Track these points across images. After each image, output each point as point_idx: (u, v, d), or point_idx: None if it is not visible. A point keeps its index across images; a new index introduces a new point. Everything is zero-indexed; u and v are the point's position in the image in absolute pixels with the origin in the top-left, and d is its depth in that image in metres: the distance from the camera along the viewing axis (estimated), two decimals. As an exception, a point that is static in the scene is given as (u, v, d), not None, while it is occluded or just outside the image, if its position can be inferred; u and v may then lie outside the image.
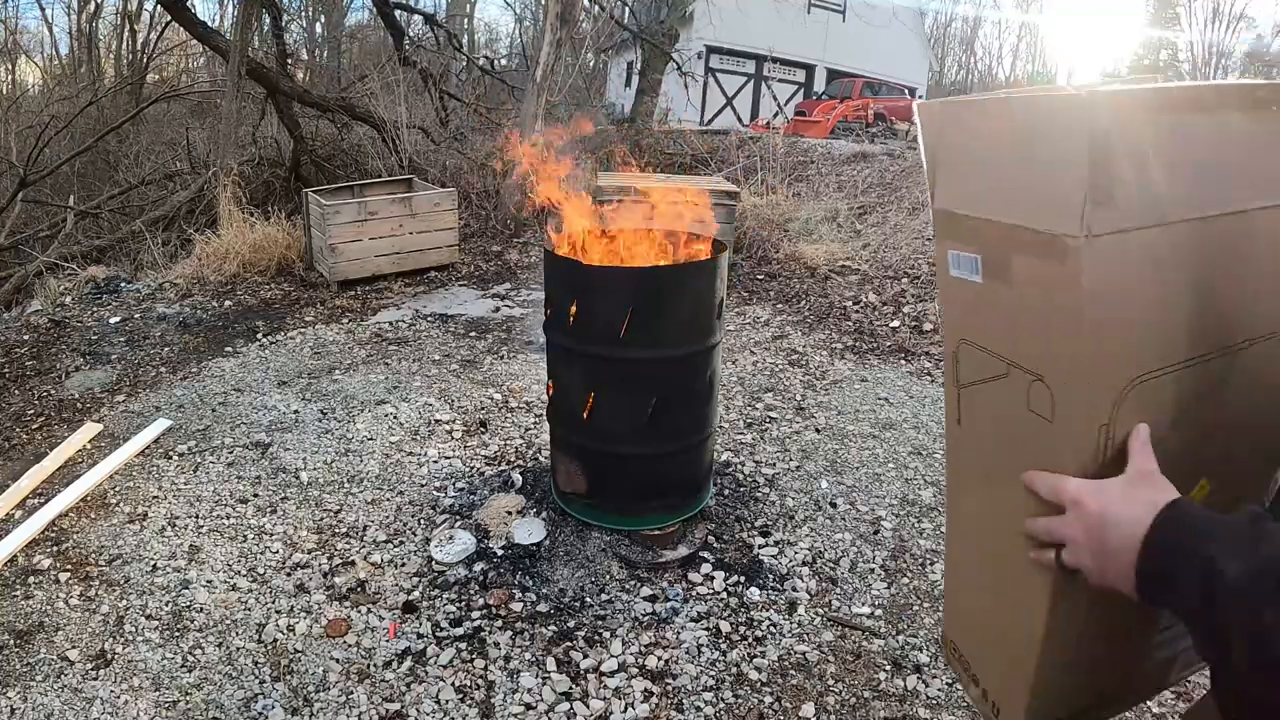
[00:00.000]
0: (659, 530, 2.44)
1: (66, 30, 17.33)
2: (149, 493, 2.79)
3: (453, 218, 5.69)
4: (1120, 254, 0.67)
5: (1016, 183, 0.73)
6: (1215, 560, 0.59)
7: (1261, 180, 0.70)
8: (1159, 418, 0.73)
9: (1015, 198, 0.73)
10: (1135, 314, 0.71)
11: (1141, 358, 0.73)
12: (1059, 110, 0.66)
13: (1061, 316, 0.71)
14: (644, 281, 2.27)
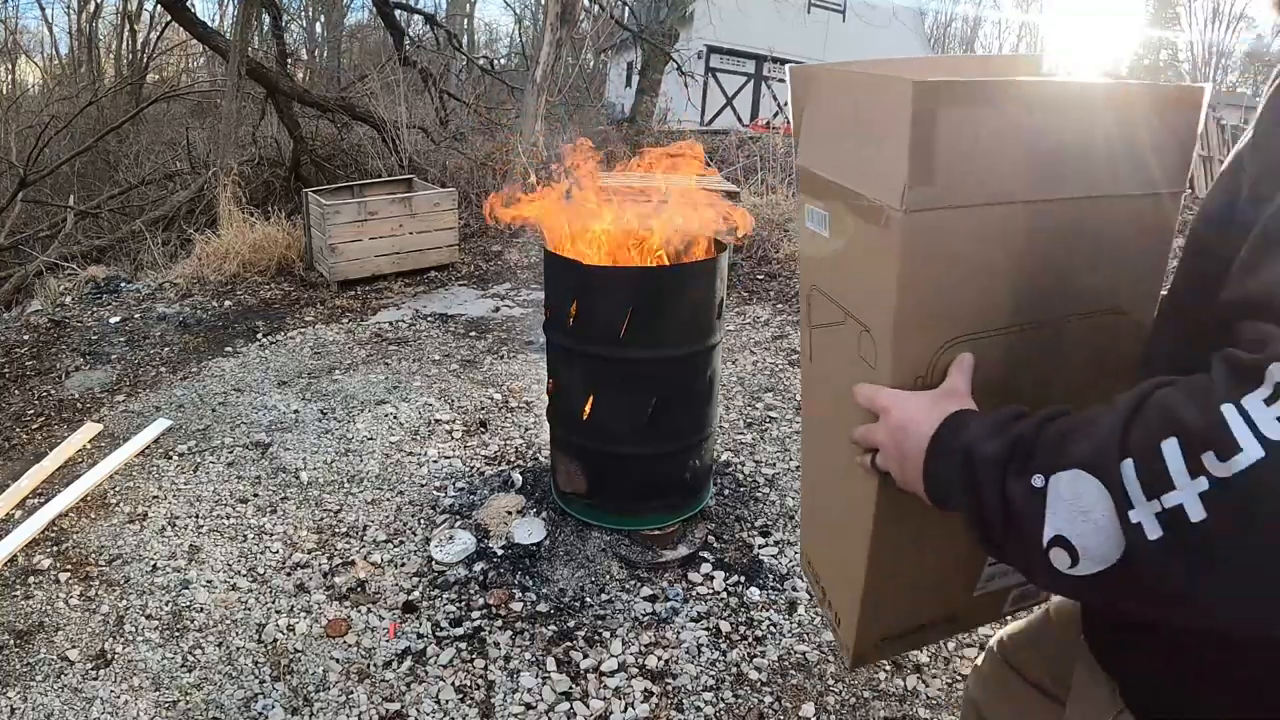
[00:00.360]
0: (659, 530, 2.44)
1: (66, 30, 17.34)
2: (149, 493, 2.79)
3: (453, 218, 5.69)
4: (937, 228, 0.72)
5: (856, 151, 0.79)
6: (973, 445, 0.64)
7: (1096, 167, 0.75)
8: (982, 376, 0.79)
9: (854, 164, 0.79)
10: (953, 281, 0.77)
11: (960, 320, 0.79)
12: (888, 92, 0.70)
13: (881, 277, 0.77)
14: (644, 281, 2.27)
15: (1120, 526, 0.51)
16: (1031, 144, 0.73)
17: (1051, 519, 0.55)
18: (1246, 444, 0.46)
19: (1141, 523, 0.50)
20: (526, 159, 6.95)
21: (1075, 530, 0.53)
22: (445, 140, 8.44)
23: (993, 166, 0.72)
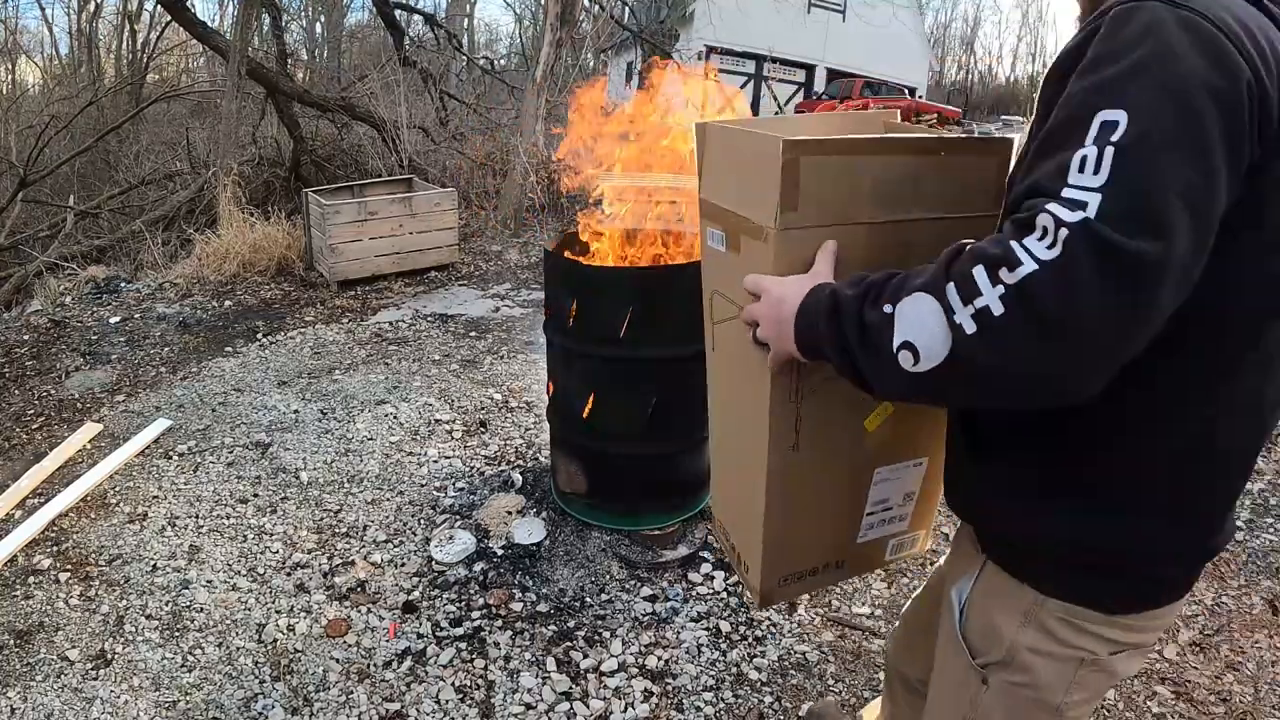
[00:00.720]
0: (659, 530, 2.44)
1: (66, 30, 17.34)
2: (149, 493, 2.79)
3: (453, 218, 5.69)
4: (801, 242, 0.96)
5: (744, 186, 1.03)
6: (837, 293, 0.83)
7: (925, 198, 0.97)
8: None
9: (743, 195, 1.04)
10: None
11: None
12: (767, 145, 0.94)
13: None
14: (644, 281, 2.27)
15: (948, 328, 0.72)
16: (869, 181, 0.96)
17: (899, 331, 0.75)
18: (1025, 260, 0.68)
19: (962, 323, 0.71)
20: (527, 159, 6.95)
21: (917, 336, 0.74)
22: (445, 140, 8.44)
23: (840, 197, 0.96)
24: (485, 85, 12.44)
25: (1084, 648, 0.94)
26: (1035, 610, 0.94)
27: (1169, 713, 1.99)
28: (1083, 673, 0.95)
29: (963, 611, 1.03)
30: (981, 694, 1.00)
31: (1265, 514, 2.85)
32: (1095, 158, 0.68)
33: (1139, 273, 0.66)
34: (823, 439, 1.14)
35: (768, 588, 1.25)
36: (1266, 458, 3.23)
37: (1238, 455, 0.89)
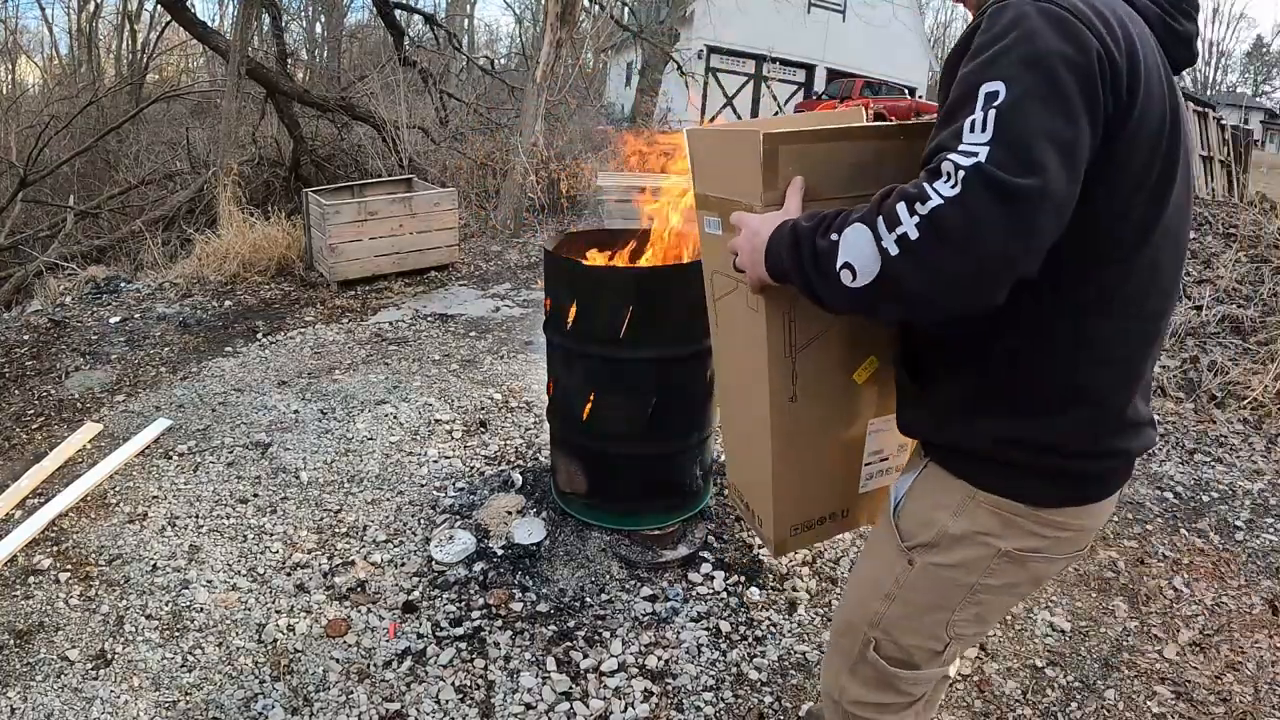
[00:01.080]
0: (659, 530, 2.44)
1: (66, 30, 17.35)
2: (149, 493, 2.79)
3: (453, 218, 5.69)
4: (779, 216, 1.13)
5: (732, 175, 1.20)
6: (796, 226, 1.00)
7: (887, 176, 1.04)
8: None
9: (732, 183, 1.20)
10: None
11: None
12: (750, 139, 1.09)
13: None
14: (644, 281, 2.27)
15: (877, 250, 0.89)
16: (838, 164, 1.12)
17: (841, 254, 0.92)
18: (934, 196, 0.85)
19: (888, 247, 0.88)
20: (526, 159, 6.95)
21: (855, 257, 0.91)
22: (445, 140, 8.44)
23: (811, 177, 1.10)
24: (485, 85, 12.44)
25: (1007, 537, 1.10)
26: (967, 502, 1.10)
27: (1169, 713, 1.99)
28: (999, 563, 1.12)
29: (899, 503, 1.20)
30: (908, 572, 1.17)
31: (1265, 514, 2.85)
32: (982, 120, 0.86)
33: (1022, 201, 0.82)
34: (818, 391, 1.28)
35: (781, 538, 1.39)
36: (1267, 457, 3.23)
37: (1124, 363, 1.05)
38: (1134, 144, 0.93)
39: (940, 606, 1.17)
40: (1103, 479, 1.11)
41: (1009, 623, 2.26)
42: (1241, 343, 4.07)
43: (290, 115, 7.96)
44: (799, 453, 1.32)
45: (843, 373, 1.28)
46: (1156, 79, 0.94)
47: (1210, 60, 31.21)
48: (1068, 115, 0.85)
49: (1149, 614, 2.33)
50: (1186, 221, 1.07)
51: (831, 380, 1.28)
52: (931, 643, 1.20)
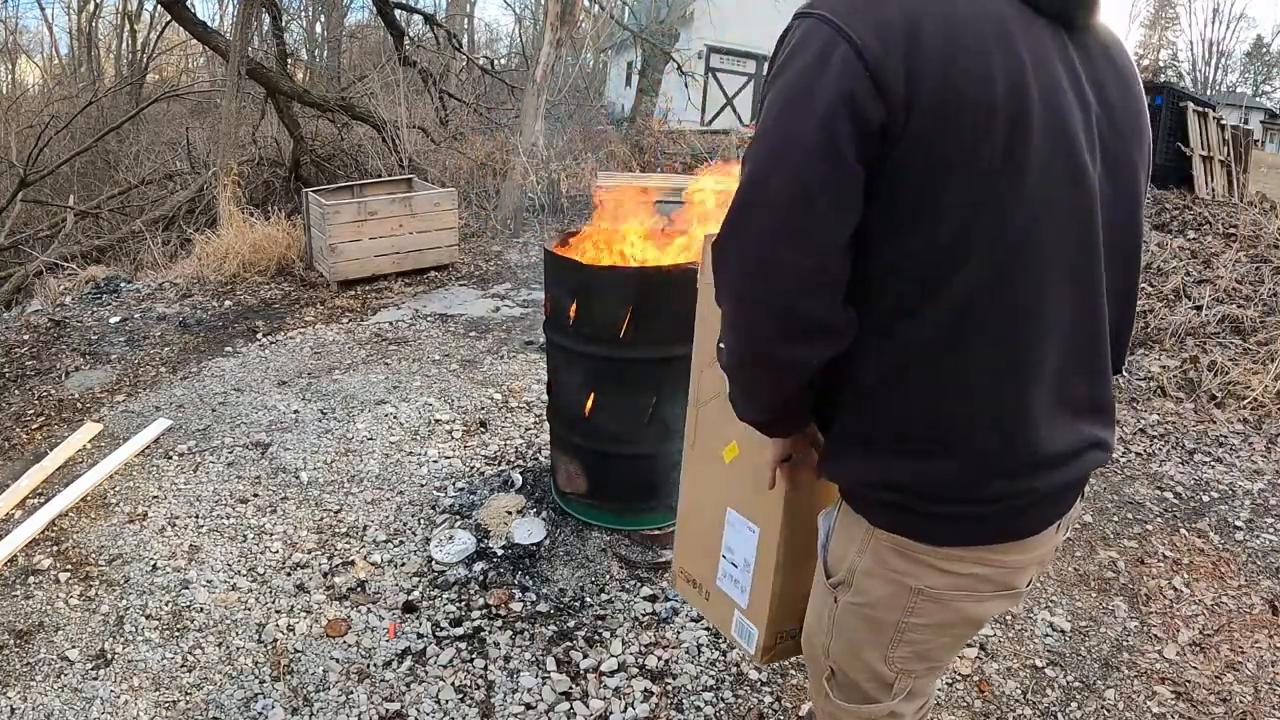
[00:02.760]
0: (659, 530, 2.44)
1: (66, 30, 17.36)
2: (149, 493, 2.79)
3: (453, 218, 5.69)
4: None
5: None
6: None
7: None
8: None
9: None
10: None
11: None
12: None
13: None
14: (644, 281, 2.27)
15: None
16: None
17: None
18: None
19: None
20: (526, 159, 6.95)
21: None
22: (445, 140, 8.44)
23: None
24: (485, 85, 12.44)
25: (914, 574, 1.03)
26: (869, 538, 1.06)
27: (1169, 713, 1.99)
28: (916, 600, 1.05)
29: (827, 537, 1.16)
30: (835, 610, 1.14)
31: (1265, 514, 2.85)
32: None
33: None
34: (706, 446, 1.37)
35: (674, 569, 1.54)
36: (1267, 457, 3.23)
37: (996, 401, 0.95)
38: (930, 154, 0.85)
39: (873, 643, 1.11)
40: (1013, 516, 1.00)
41: (1009, 623, 2.26)
42: (1241, 343, 4.07)
43: (290, 115, 7.96)
44: (691, 499, 1.47)
45: (717, 441, 1.36)
46: (979, 69, 0.84)
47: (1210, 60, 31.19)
48: (815, 152, 0.86)
49: (1149, 614, 2.33)
50: (1082, 224, 0.94)
51: (712, 443, 1.37)
52: (877, 676, 1.14)
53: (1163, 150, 7.43)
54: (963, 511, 0.98)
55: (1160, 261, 5.00)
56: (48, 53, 17.97)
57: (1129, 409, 3.58)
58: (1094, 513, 2.82)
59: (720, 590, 1.42)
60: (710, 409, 1.38)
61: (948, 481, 0.97)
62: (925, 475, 0.97)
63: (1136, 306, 1.14)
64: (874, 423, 1.00)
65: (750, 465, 1.29)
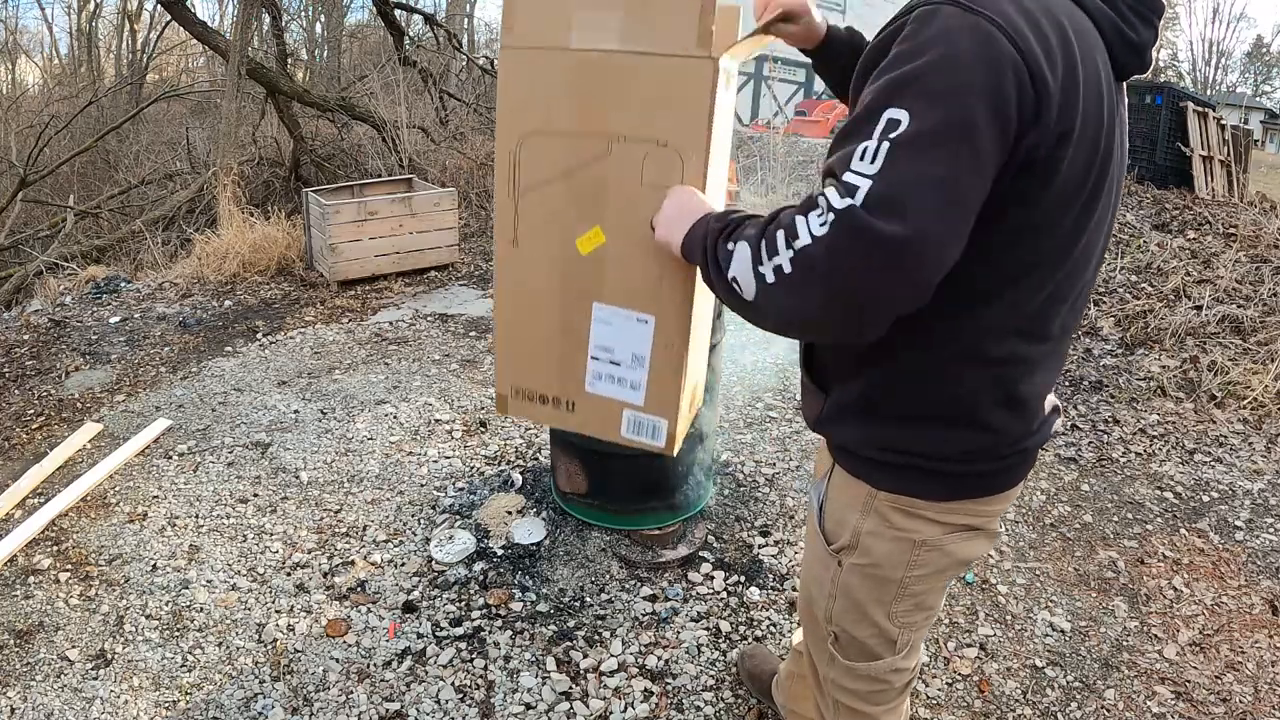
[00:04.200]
0: (659, 530, 2.45)
1: (66, 30, 17.36)
2: (149, 493, 2.79)
3: (453, 217, 5.69)
4: (518, 61, 1.20)
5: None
6: (709, 222, 1.02)
7: (627, 34, 1.10)
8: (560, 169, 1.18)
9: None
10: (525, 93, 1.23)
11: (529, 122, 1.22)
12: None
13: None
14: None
15: (754, 274, 0.91)
16: (576, 12, 1.12)
17: (731, 266, 0.95)
18: (804, 233, 0.86)
19: (764, 273, 0.90)
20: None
21: (740, 274, 0.93)
22: (445, 140, 8.44)
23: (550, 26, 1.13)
24: (485, 85, 12.43)
25: (916, 530, 1.11)
26: (870, 500, 1.12)
27: (1169, 713, 1.99)
28: (919, 552, 1.13)
29: (821, 505, 1.21)
30: (839, 574, 1.19)
31: (1265, 514, 2.85)
32: (874, 150, 0.83)
33: (891, 248, 0.81)
34: (537, 240, 1.22)
35: (501, 391, 1.36)
36: (1267, 457, 3.23)
37: (1027, 382, 1.06)
38: (1058, 164, 0.89)
39: (878, 601, 1.18)
40: (1003, 474, 1.12)
41: (1009, 623, 2.26)
42: (1241, 343, 4.07)
43: (290, 115, 7.96)
44: (519, 306, 1.28)
45: (565, 232, 1.21)
46: (1095, 96, 0.91)
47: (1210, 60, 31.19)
48: (965, 157, 0.82)
49: (1149, 614, 2.33)
50: (1107, 238, 1.07)
51: (552, 234, 1.22)
52: (881, 633, 1.21)
53: (1163, 150, 7.42)
54: (970, 470, 1.08)
55: (1160, 261, 5.00)
56: (48, 53, 17.99)
57: (1129, 409, 3.58)
58: (1094, 513, 2.82)
59: (594, 394, 1.29)
60: (541, 197, 1.21)
61: (967, 449, 1.06)
62: (946, 442, 1.06)
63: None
64: (892, 393, 1.06)
65: (633, 251, 1.17)
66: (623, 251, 1.18)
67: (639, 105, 1.13)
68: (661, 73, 1.11)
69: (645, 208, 1.14)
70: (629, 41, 1.12)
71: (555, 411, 1.33)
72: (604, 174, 1.17)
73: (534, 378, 1.32)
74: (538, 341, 1.29)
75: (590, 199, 1.18)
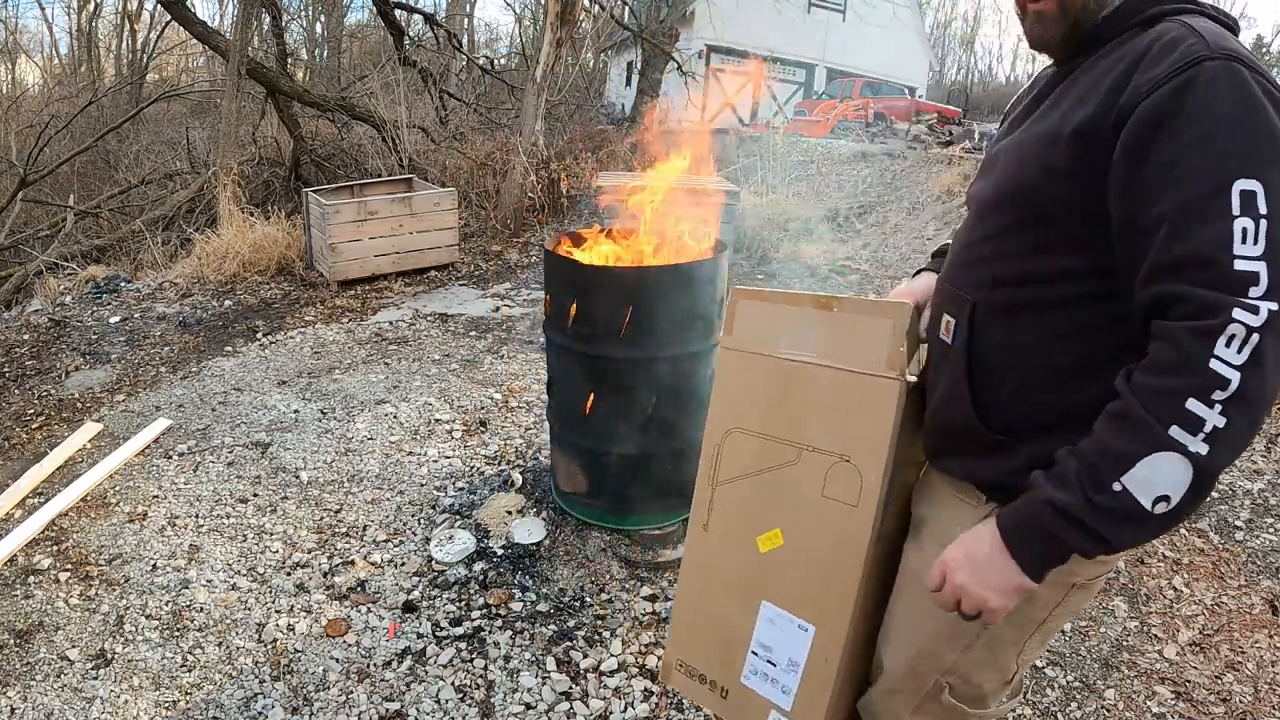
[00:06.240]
0: (659, 530, 2.44)
1: (66, 30, 17.37)
2: (149, 492, 2.79)
3: (453, 217, 5.69)
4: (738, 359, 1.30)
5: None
6: (1050, 499, 0.89)
7: (822, 346, 1.17)
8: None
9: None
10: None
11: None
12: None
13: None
14: (644, 281, 2.27)
15: (1188, 461, 0.81)
16: (782, 323, 1.23)
17: (1146, 494, 0.83)
18: (1231, 375, 0.78)
19: (1197, 451, 0.81)
20: (527, 159, 6.95)
21: (1166, 486, 0.82)
22: (445, 140, 8.44)
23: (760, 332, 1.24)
24: (485, 85, 12.44)
25: (1080, 572, 1.06)
26: None
27: (1169, 713, 1.99)
28: (1072, 594, 1.09)
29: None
30: (987, 626, 1.10)
31: (1265, 514, 2.85)
32: (1253, 232, 0.78)
33: None
34: (725, 531, 1.27)
35: (668, 661, 1.39)
36: (1267, 457, 3.23)
37: None
38: None
39: (1014, 642, 1.13)
40: None
41: (1009, 623, 2.26)
42: (1241, 343, 4.07)
43: (290, 115, 7.96)
44: (698, 589, 1.33)
45: (749, 528, 1.25)
46: None
47: (1210, 60, 30.91)
48: None
49: (1149, 614, 2.33)
50: None
51: (738, 528, 1.27)
52: (1002, 674, 1.16)
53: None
54: None
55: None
56: (48, 53, 17.99)
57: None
58: (1094, 513, 2.81)
59: (747, 688, 1.28)
60: (734, 490, 1.26)
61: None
62: None
63: None
64: (1082, 433, 0.97)
65: (805, 558, 1.19)
66: (796, 557, 1.21)
67: (829, 417, 1.18)
68: (851, 388, 1.16)
69: (823, 518, 1.17)
70: (826, 356, 1.18)
71: (710, 694, 1.35)
72: (792, 480, 1.21)
73: (698, 656, 1.35)
74: (709, 624, 1.33)
75: (776, 501, 1.23)
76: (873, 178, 7.63)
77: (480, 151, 7.81)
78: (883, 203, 6.88)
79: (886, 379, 1.12)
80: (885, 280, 5.23)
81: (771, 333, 1.23)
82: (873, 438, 1.14)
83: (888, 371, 1.12)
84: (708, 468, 1.29)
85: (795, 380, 1.21)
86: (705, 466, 1.29)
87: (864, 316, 1.17)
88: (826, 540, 1.18)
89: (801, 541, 1.20)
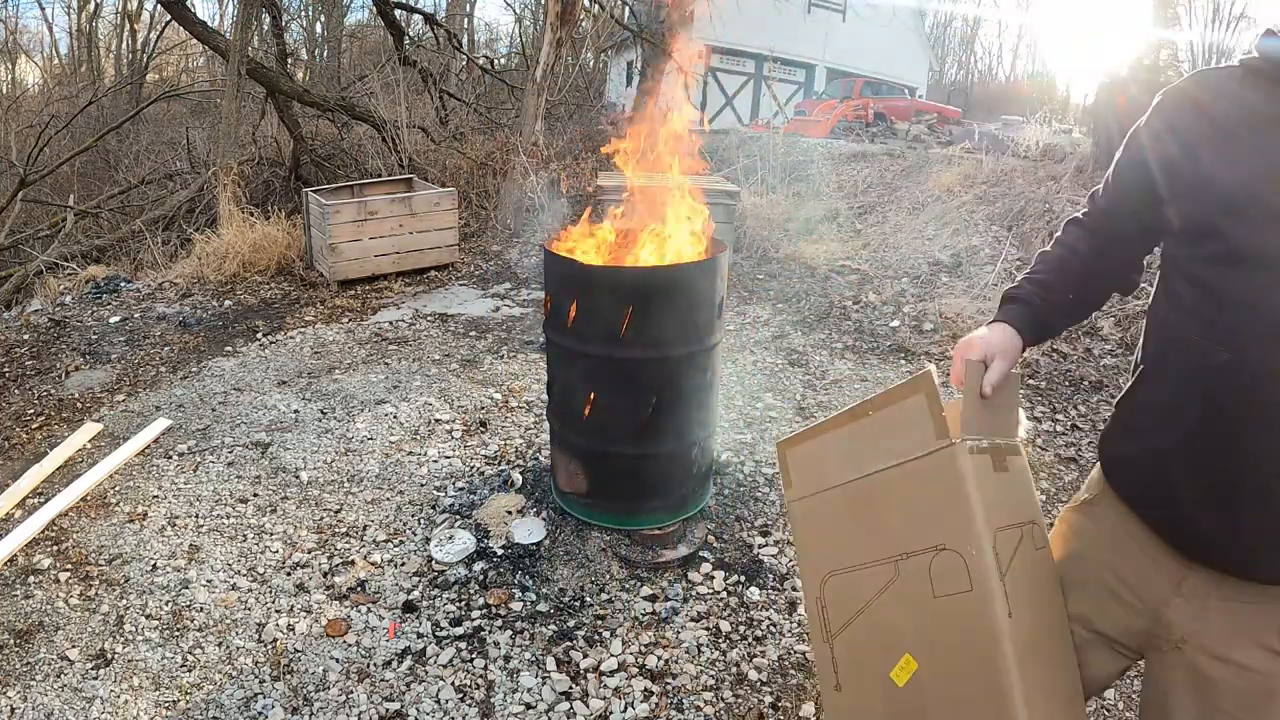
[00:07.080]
0: (659, 530, 2.44)
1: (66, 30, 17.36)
2: (149, 492, 2.79)
3: (453, 217, 5.69)
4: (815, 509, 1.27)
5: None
6: None
7: (877, 454, 1.16)
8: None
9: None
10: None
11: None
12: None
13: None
14: (644, 281, 2.27)
15: None
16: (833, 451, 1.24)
17: None
18: None
19: None
20: (526, 159, 6.95)
21: None
22: (445, 140, 8.43)
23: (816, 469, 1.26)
24: (485, 85, 12.43)
25: None
26: None
27: (1169, 712, 1.99)
28: None
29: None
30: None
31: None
32: None
33: None
34: (859, 682, 1.19)
35: None
36: (1266, 458, 3.23)
37: None
38: None
39: None
40: None
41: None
42: (1241, 343, 4.07)
43: (290, 115, 7.96)
44: None
45: (880, 665, 1.16)
46: None
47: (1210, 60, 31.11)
48: None
49: (1149, 614, 2.33)
50: None
51: (870, 672, 1.18)
52: None
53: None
54: None
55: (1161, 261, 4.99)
56: (48, 53, 17.97)
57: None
58: (1094, 513, 2.81)
59: None
60: (851, 636, 1.19)
61: None
62: None
63: None
64: None
65: (942, 669, 1.11)
66: (937, 671, 1.12)
67: (909, 515, 1.14)
68: (915, 477, 1.12)
69: (945, 618, 1.09)
70: (881, 460, 1.16)
71: None
72: (900, 595, 1.15)
73: None
74: None
75: (894, 626, 1.16)
76: (873, 178, 7.63)
77: (480, 151, 7.81)
78: (882, 203, 6.88)
79: (941, 450, 1.08)
80: (885, 280, 5.23)
81: (825, 466, 1.22)
82: (957, 512, 1.07)
83: (939, 443, 1.09)
84: (818, 625, 1.23)
85: (864, 497, 1.18)
86: (815, 625, 1.24)
87: (896, 405, 1.15)
88: (956, 637, 1.09)
89: (933, 653, 1.12)
